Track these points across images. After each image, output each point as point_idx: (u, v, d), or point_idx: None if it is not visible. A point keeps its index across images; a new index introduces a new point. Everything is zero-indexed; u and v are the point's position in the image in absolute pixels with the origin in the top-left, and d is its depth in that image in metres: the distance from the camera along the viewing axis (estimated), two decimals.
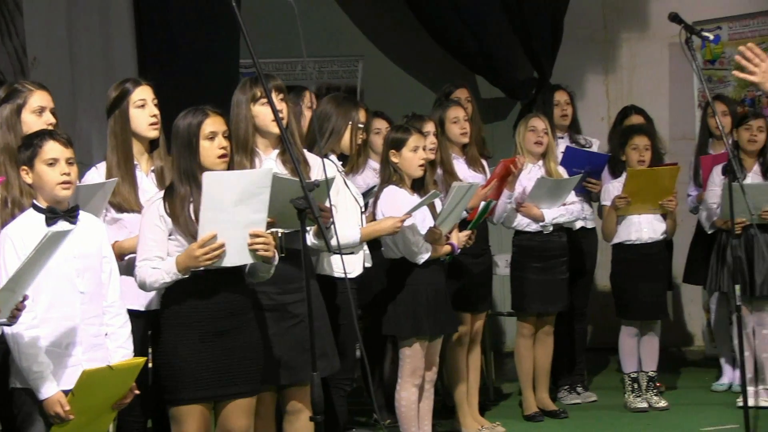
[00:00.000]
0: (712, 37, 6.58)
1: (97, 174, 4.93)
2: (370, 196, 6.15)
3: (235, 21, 4.22)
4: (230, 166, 4.57)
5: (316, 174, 4.90)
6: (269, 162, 4.94)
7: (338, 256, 4.64)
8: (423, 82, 9.91)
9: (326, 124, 5.67)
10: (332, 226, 4.59)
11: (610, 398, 7.69)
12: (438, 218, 6.05)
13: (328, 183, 4.67)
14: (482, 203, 6.47)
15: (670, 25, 6.20)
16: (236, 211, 4.35)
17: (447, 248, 6.13)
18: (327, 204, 4.61)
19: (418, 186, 6.06)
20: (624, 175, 7.26)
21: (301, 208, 4.16)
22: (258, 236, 4.40)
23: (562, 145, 7.61)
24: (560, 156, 7.44)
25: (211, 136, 4.50)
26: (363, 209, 5.77)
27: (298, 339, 4.82)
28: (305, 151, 5.10)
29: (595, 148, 7.90)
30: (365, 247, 5.72)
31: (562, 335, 7.58)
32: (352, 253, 5.56)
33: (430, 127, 6.41)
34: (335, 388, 5.47)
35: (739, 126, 7.31)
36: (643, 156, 7.26)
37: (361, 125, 5.82)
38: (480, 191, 6.52)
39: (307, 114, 5.77)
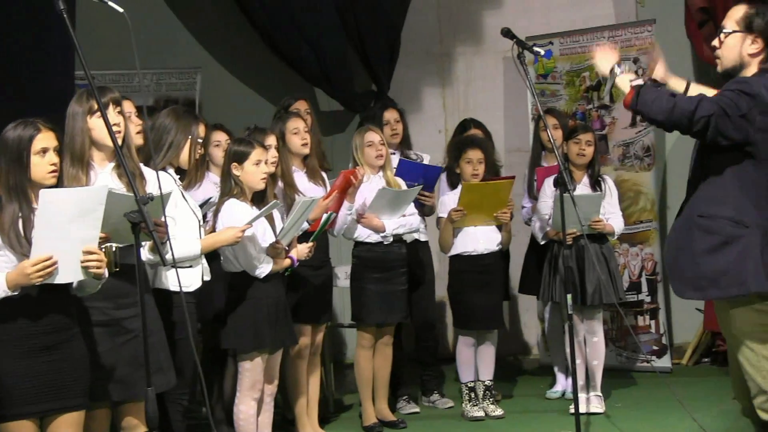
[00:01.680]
0: (543, 52, 6.76)
1: None
2: (207, 207, 6.12)
3: (67, 34, 4.14)
4: (59, 181, 4.50)
5: (151, 188, 4.85)
6: (104, 175, 4.87)
7: (175, 269, 4.62)
8: (262, 95, 9.90)
9: (165, 137, 5.61)
10: (167, 241, 4.55)
11: (448, 408, 7.81)
12: (280, 233, 6.06)
13: (163, 197, 4.63)
14: (324, 215, 6.50)
15: (505, 39, 6.35)
16: (70, 228, 4.28)
17: (287, 261, 6.15)
18: (162, 218, 4.58)
19: (258, 199, 6.06)
20: (459, 188, 7.37)
21: (134, 222, 4.13)
22: (91, 253, 4.35)
23: (394, 161, 7.63)
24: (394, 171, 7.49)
25: (42, 152, 4.43)
26: (201, 222, 5.73)
27: (132, 354, 4.78)
28: (141, 164, 5.05)
29: (426, 163, 7.98)
30: (203, 260, 5.69)
31: (400, 346, 7.69)
32: (190, 266, 5.52)
33: (271, 140, 6.43)
34: (172, 403, 5.42)
35: (569, 139, 7.48)
36: (476, 169, 7.38)
37: (200, 140, 5.79)
38: (321, 203, 6.56)
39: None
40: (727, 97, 4.37)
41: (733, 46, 4.54)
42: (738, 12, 4.56)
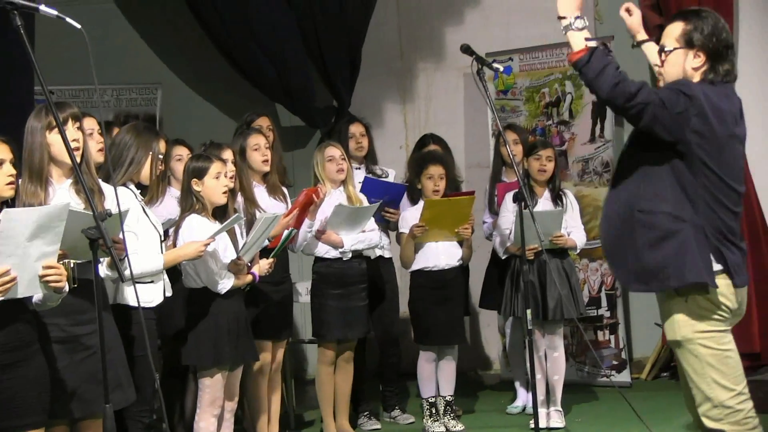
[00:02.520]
0: (501, 68, 6.80)
1: None
2: (168, 224, 6.10)
3: (24, 50, 4.12)
4: (16, 195, 4.51)
5: (110, 204, 4.83)
6: (62, 191, 4.85)
7: (136, 284, 4.61)
8: (223, 110, 9.91)
9: (126, 153, 5.59)
10: (126, 257, 4.54)
11: (409, 423, 7.82)
12: (242, 248, 6.05)
13: (121, 214, 4.61)
14: (285, 232, 6.50)
15: (465, 55, 6.37)
16: (31, 244, 4.26)
17: (249, 277, 6.14)
18: (120, 235, 4.56)
19: (219, 214, 6.05)
20: (421, 203, 7.39)
21: (92, 238, 4.11)
22: (51, 267, 4.33)
23: (359, 175, 7.68)
24: (358, 186, 7.51)
25: None
26: (162, 237, 5.71)
27: (91, 371, 4.74)
28: (100, 180, 5.03)
29: (391, 178, 8.00)
30: (165, 275, 5.67)
31: (363, 362, 7.69)
32: (152, 281, 5.50)
33: (228, 154, 6.42)
34: (133, 420, 5.39)
35: (529, 155, 7.53)
36: (437, 185, 7.40)
37: (160, 156, 5.77)
38: (282, 220, 6.56)
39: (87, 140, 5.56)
40: (666, 93, 4.46)
41: (676, 63, 4.62)
42: (676, 29, 4.63)
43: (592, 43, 4.50)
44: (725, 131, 4.50)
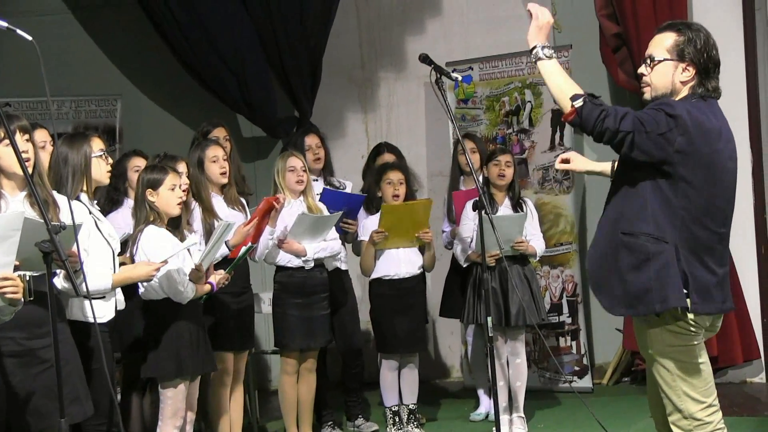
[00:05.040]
0: (460, 77, 6.82)
1: None
2: (123, 238, 6.06)
3: None
4: None
5: (65, 216, 4.80)
6: (16, 203, 4.81)
7: (88, 300, 4.57)
8: (183, 121, 9.87)
9: (64, 167, 5.49)
10: (81, 270, 4.50)
11: None
12: (200, 257, 6.03)
13: (75, 228, 4.58)
14: (243, 248, 6.47)
15: (425, 65, 6.39)
16: None
17: (207, 287, 6.12)
18: (75, 248, 4.53)
19: (173, 225, 6.03)
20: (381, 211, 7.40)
21: (46, 251, 4.08)
22: (7, 279, 4.30)
23: (317, 187, 7.66)
24: (317, 198, 7.49)
25: None
26: (116, 252, 5.64)
27: (47, 384, 4.69)
28: (55, 192, 4.99)
29: (349, 190, 7.98)
30: (118, 290, 5.61)
31: (324, 371, 7.68)
32: (103, 298, 5.44)
33: (182, 167, 6.40)
34: None
35: (489, 162, 7.57)
36: (397, 190, 7.43)
37: (102, 153, 5.65)
38: (242, 228, 6.55)
39: (40, 153, 5.51)
40: (649, 114, 4.45)
41: (665, 74, 4.57)
42: (667, 40, 4.59)
43: (578, 102, 4.52)
44: (709, 148, 4.48)
